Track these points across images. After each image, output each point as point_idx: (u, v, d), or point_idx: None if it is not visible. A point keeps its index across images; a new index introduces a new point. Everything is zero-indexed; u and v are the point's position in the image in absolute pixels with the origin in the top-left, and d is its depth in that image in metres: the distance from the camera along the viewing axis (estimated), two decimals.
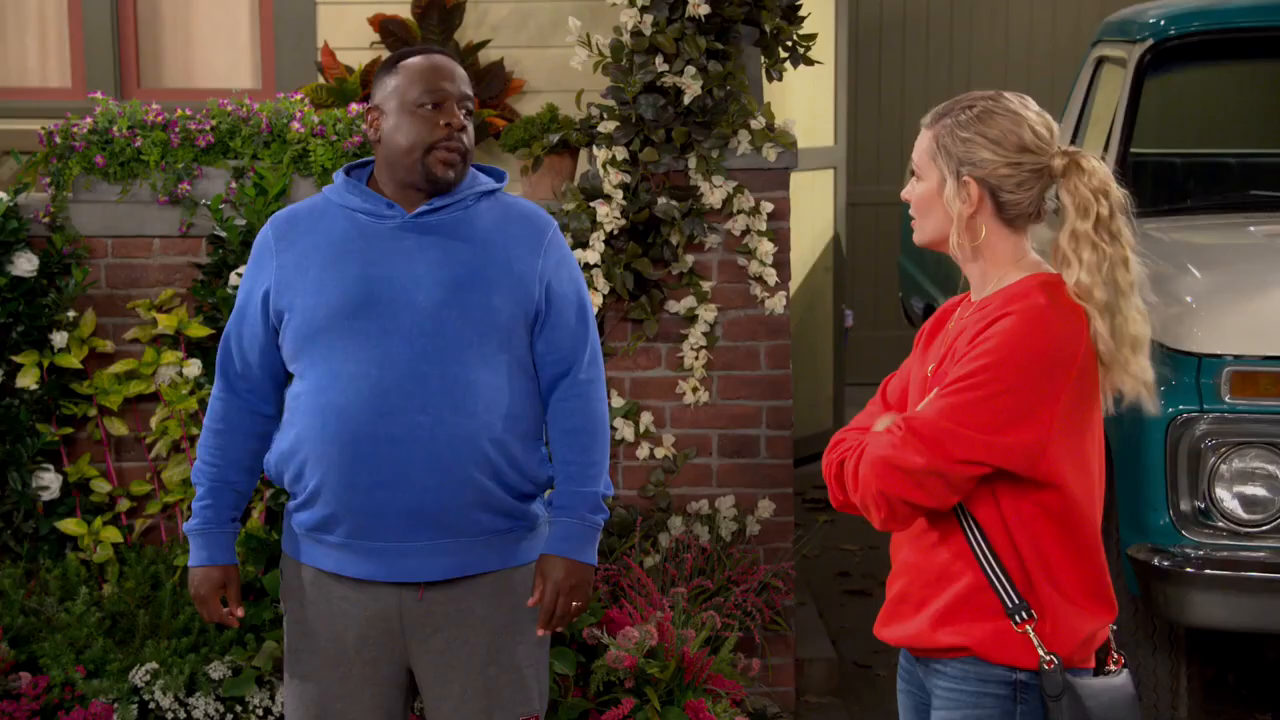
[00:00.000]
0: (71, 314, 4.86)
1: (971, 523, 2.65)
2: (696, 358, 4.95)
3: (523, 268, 3.09)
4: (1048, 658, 2.62)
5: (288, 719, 3.20)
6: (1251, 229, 5.24)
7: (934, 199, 2.70)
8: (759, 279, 4.93)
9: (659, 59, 4.81)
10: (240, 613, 3.23)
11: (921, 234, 2.75)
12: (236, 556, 3.24)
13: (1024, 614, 2.62)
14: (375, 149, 3.12)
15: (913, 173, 2.76)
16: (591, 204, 4.85)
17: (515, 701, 3.14)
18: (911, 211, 2.75)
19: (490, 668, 3.11)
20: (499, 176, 3.21)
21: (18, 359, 4.83)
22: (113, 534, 4.86)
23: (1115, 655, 2.77)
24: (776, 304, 4.94)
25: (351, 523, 3.06)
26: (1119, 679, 2.72)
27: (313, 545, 3.12)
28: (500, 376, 3.06)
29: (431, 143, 3.04)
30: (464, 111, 3.08)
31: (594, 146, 4.91)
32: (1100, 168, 2.66)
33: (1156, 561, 4.29)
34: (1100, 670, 2.73)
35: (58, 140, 4.91)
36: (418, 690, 3.20)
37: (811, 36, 5.07)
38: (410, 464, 3.01)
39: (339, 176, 3.16)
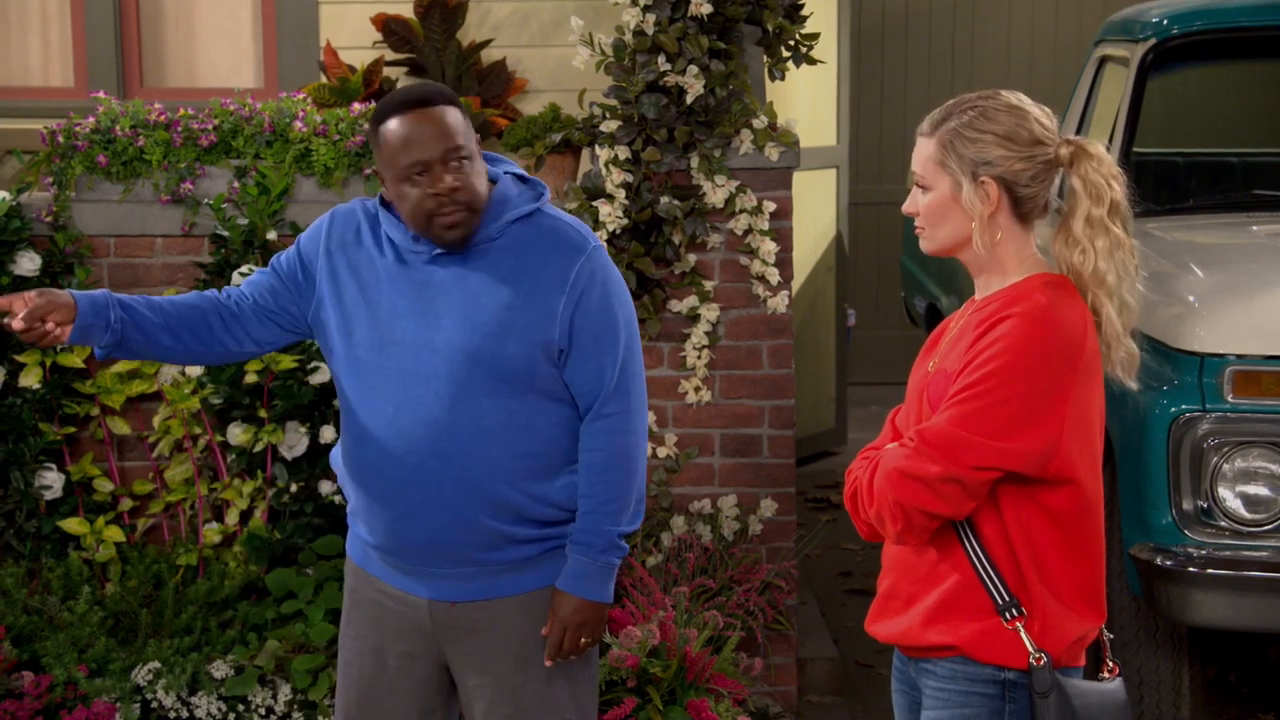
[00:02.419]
0: None
1: (963, 519, 2.65)
2: (699, 357, 4.95)
3: (543, 308, 3.00)
4: (1036, 654, 2.62)
5: (336, 700, 3.23)
6: (1254, 228, 5.24)
7: (948, 205, 2.68)
8: (761, 278, 4.93)
9: (661, 58, 4.81)
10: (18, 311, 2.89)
11: (933, 242, 2.72)
12: (79, 312, 2.91)
13: (1014, 611, 2.62)
14: None
15: (916, 183, 2.72)
16: (594, 203, 4.85)
17: (544, 713, 3.12)
18: (919, 222, 2.72)
19: (518, 676, 3.10)
20: (538, 192, 3.09)
21: (20, 358, 4.83)
22: (115, 533, 4.86)
23: (1110, 664, 2.77)
24: (779, 303, 4.93)
25: (386, 547, 3.09)
26: (1112, 685, 2.72)
27: (363, 548, 3.16)
28: (521, 417, 3.01)
29: (428, 212, 2.95)
30: (456, 163, 2.94)
31: (596, 146, 4.91)
32: (1107, 154, 2.69)
33: (1159, 561, 4.29)
34: (1095, 676, 2.73)
35: (60, 140, 4.91)
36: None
37: (814, 36, 5.07)
38: (423, 504, 3.00)
39: (379, 208, 3.07)
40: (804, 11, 5.07)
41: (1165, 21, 5.61)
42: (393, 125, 2.95)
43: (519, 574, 3.09)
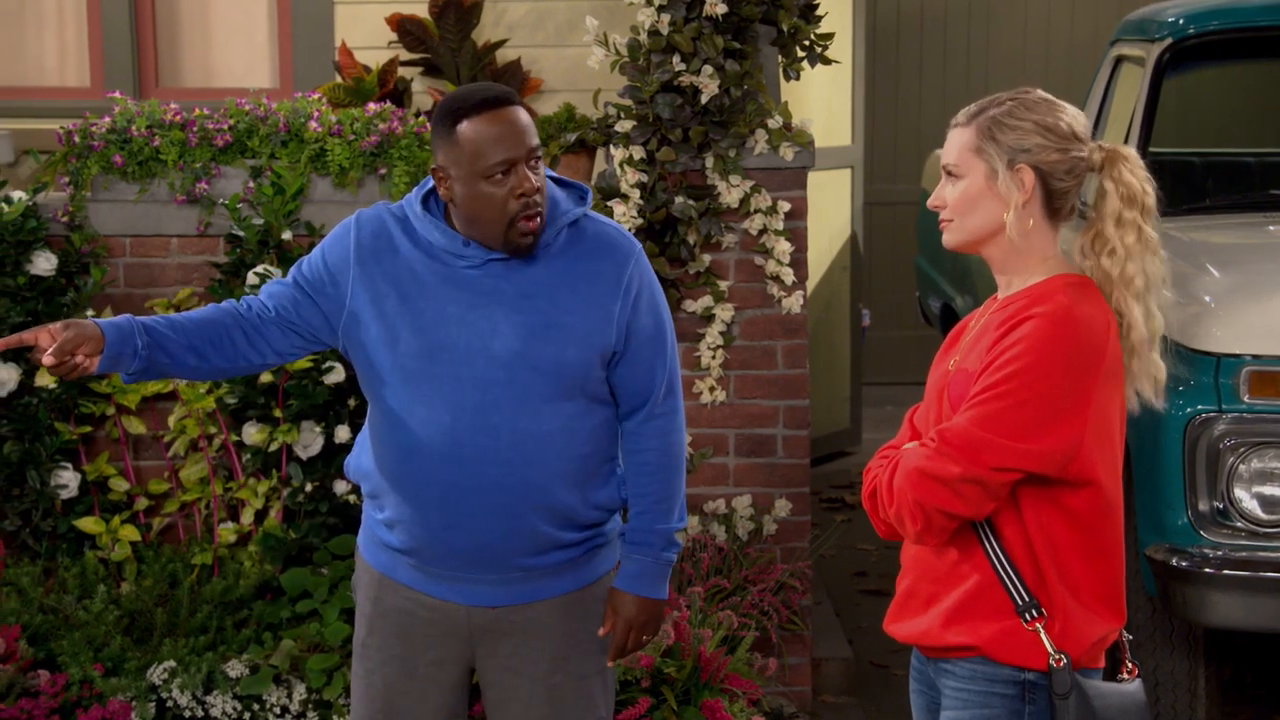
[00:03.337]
0: (90, 313, 4.87)
1: (983, 520, 2.64)
2: (713, 357, 4.95)
3: (601, 314, 2.98)
4: (1057, 655, 2.61)
5: (353, 709, 3.20)
6: (1270, 228, 5.23)
7: (981, 193, 2.67)
8: (776, 278, 4.93)
9: (676, 58, 4.81)
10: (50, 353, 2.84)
11: (961, 233, 2.71)
12: (106, 342, 2.89)
13: (1034, 611, 2.62)
14: (450, 206, 2.97)
15: (949, 173, 2.71)
16: (609, 203, 4.85)
17: (580, 710, 3.12)
18: (947, 214, 2.71)
19: (555, 675, 3.10)
20: (581, 194, 3.07)
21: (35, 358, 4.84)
22: (130, 532, 4.87)
23: (1130, 665, 2.77)
24: (793, 303, 4.93)
25: (424, 555, 3.05)
26: (1131, 686, 2.72)
27: (390, 556, 3.11)
28: (574, 420, 3.00)
29: (512, 214, 2.89)
30: (534, 163, 2.90)
31: (611, 146, 4.91)
32: (1139, 158, 2.69)
33: (1175, 562, 4.29)
34: (1113, 677, 2.73)
35: (76, 140, 4.92)
36: (479, 693, 3.19)
37: (829, 36, 5.06)
38: (479, 511, 2.97)
39: (417, 207, 3.01)
40: (819, 11, 5.06)
41: (1181, 21, 5.60)
42: (474, 124, 2.89)
43: (558, 577, 3.08)
